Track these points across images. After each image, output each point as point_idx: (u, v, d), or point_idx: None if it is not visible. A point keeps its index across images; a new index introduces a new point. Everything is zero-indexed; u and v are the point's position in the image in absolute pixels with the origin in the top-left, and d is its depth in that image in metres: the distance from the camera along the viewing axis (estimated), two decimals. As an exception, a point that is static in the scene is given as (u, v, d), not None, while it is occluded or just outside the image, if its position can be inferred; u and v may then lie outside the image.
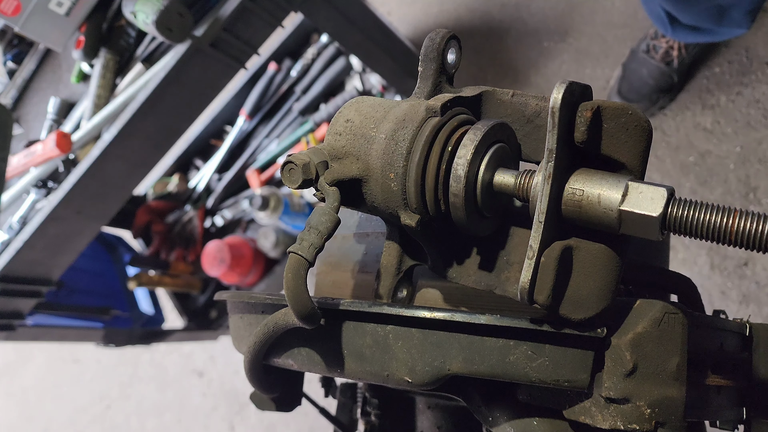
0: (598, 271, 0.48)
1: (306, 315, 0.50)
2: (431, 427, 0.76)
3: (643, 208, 0.45)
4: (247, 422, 2.56)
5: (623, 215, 0.45)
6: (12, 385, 3.42)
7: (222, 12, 1.32)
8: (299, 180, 0.53)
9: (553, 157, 0.45)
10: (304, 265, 0.51)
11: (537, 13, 2.23)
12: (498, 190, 0.52)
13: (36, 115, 1.64)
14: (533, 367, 0.49)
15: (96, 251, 2.28)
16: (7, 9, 1.36)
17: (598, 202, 0.46)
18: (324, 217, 0.53)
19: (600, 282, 0.48)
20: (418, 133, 0.52)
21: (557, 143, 0.45)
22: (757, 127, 1.79)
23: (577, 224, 0.48)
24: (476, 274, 0.56)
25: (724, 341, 0.58)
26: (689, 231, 0.45)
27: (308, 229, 0.52)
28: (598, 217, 0.47)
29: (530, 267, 0.45)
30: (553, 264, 0.47)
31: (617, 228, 0.46)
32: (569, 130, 0.46)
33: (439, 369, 0.50)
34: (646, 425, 0.48)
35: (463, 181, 0.50)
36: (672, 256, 1.79)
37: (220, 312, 2.37)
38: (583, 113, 0.46)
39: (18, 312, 1.65)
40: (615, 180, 0.46)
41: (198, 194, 2.35)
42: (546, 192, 0.46)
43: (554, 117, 0.44)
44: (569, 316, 0.48)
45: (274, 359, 0.60)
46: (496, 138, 0.53)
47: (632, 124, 0.47)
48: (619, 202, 0.45)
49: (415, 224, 0.53)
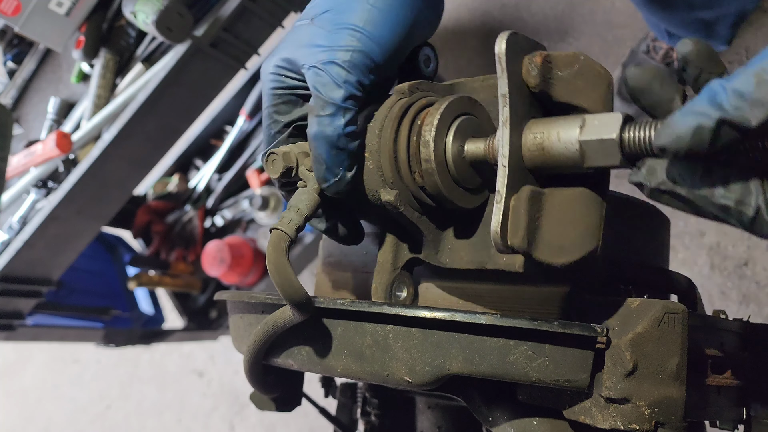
0: (578, 214, 0.48)
1: (289, 289, 0.51)
2: (431, 427, 0.76)
3: (600, 134, 0.45)
4: (247, 422, 2.56)
5: (583, 146, 0.46)
6: (12, 385, 3.42)
7: (222, 12, 1.32)
8: (280, 168, 0.55)
9: (507, 101, 0.46)
10: (285, 239, 0.53)
11: (537, 13, 2.23)
12: (470, 158, 0.54)
13: (36, 115, 1.64)
14: (533, 367, 0.49)
15: (96, 251, 2.28)
16: (7, 9, 1.36)
17: (558, 140, 0.47)
18: (304, 196, 0.55)
19: (582, 225, 0.48)
20: (389, 112, 0.55)
21: (510, 89, 0.46)
22: (757, 127, 1.79)
23: (546, 173, 0.49)
24: (467, 254, 0.57)
25: (724, 341, 0.59)
26: (650, 152, 0.44)
27: (289, 209, 0.55)
28: (561, 154, 0.47)
29: (500, 210, 0.46)
30: (524, 205, 0.46)
31: (581, 162, 0.46)
32: (525, 83, 0.48)
33: (439, 369, 0.50)
34: (646, 425, 0.48)
35: (431, 145, 0.52)
36: (672, 256, 1.79)
37: (220, 312, 2.36)
38: (533, 60, 0.47)
39: (18, 312, 1.64)
40: (573, 118, 0.47)
41: (198, 194, 2.35)
42: (506, 136, 0.47)
43: (501, 62, 0.46)
44: (550, 261, 0.47)
45: (274, 359, 0.60)
46: (463, 110, 0.55)
47: (587, 69, 0.48)
48: (578, 135, 0.46)
49: (394, 199, 0.54)
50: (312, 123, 0.54)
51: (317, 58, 0.54)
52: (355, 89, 0.53)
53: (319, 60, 0.53)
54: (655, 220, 0.69)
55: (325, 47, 0.54)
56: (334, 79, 0.53)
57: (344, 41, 0.53)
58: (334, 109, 0.53)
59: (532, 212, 0.47)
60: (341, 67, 0.53)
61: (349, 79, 0.53)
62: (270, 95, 0.58)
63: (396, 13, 0.55)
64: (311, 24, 0.56)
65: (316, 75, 0.54)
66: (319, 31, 0.55)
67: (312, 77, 0.54)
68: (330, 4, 0.56)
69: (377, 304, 0.52)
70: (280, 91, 0.58)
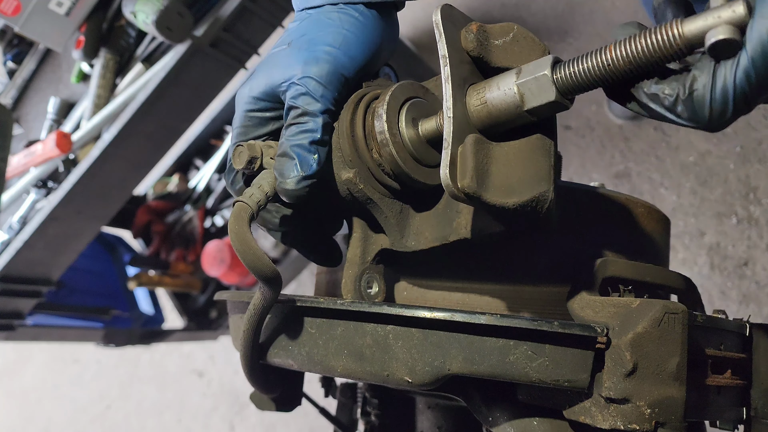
0: (528, 159, 0.51)
1: (253, 259, 0.52)
2: (431, 427, 0.76)
3: (533, 74, 0.49)
4: (247, 422, 2.56)
5: (520, 88, 0.49)
6: (12, 385, 3.42)
7: (222, 12, 1.32)
8: (246, 158, 0.58)
9: (447, 60, 0.50)
10: (246, 210, 0.54)
11: (537, 13, 2.23)
12: (425, 136, 0.57)
13: (36, 115, 1.64)
14: (533, 367, 0.49)
15: (96, 251, 2.28)
16: (7, 9, 1.36)
17: (497, 88, 0.50)
18: (268, 176, 0.57)
19: (532, 168, 0.51)
20: (347, 101, 0.59)
21: (449, 52, 0.50)
22: (758, 127, 1.79)
23: (495, 130, 0.51)
24: (431, 232, 0.59)
25: (724, 341, 0.58)
26: (581, 82, 0.48)
27: (252, 186, 0.57)
28: (503, 101, 0.50)
29: (447, 155, 0.48)
30: (470, 149, 0.49)
31: (522, 104, 0.50)
32: (464, 49, 0.51)
33: (439, 369, 0.50)
34: (646, 425, 0.48)
35: (384, 117, 0.56)
36: (672, 256, 1.79)
37: (220, 312, 2.37)
38: (469, 28, 0.51)
39: (18, 312, 1.65)
40: (510, 71, 0.51)
41: (198, 194, 2.35)
42: (448, 90, 0.50)
43: (438, 27, 0.50)
44: (501, 203, 0.49)
45: (274, 359, 0.60)
46: (414, 94, 0.59)
47: (521, 36, 0.52)
48: (515, 80, 0.50)
49: (353, 176, 0.57)
50: (289, 130, 0.58)
51: (294, 73, 0.58)
52: (330, 104, 0.58)
53: (297, 75, 0.58)
54: (655, 220, 0.69)
55: (302, 63, 0.58)
56: (312, 93, 0.57)
57: (321, 57, 0.58)
58: (310, 119, 0.57)
59: (479, 157, 0.49)
60: (318, 82, 0.58)
61: (325, 94, 0.58)
62: (242, 116, 0.62)
63: (366, 37, 0.61)
64: (288, 47, 0.61)
65: (295, 90, 0.58)
66: (297, 52, 0.60)
67: (292, 92, 0.58)
68: (306, 30, 0.61)
69: (377, 304, 0.52)
70: (252, 114, 0.62)
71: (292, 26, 0.63)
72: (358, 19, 0.61)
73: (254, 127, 0.62)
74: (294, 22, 0.64)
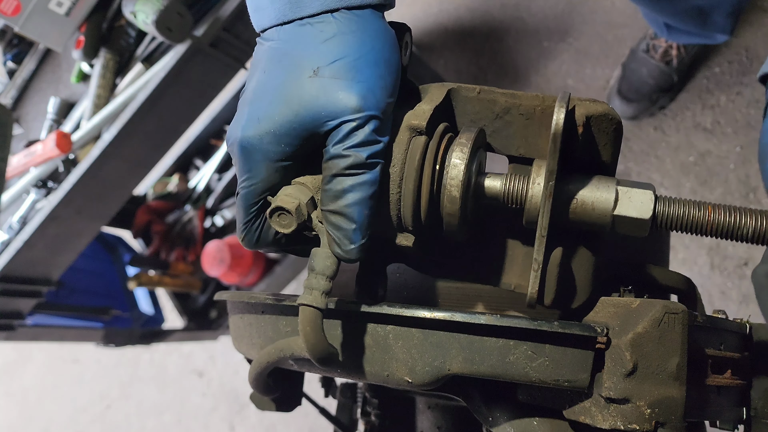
0: (578, 268, 0.54)
1: (325, 359, 0.50)
2: (431, 427, 0.76)
3: (634, 212, 0.50)
4: (247, 422, 2.56)
5: (617, 219, 0.51)
6: (12, 385, 3.42)
7: (222, 12, 1.32)
8: (293, 225, 0.50)
9: (554, 177, 0.49)
10: (319, 316, 0.49)
11: (537, 13, 2.23)
12: (489, 195, 0.54)
13: (36, 115, 1.64)
14: (533, 367, 0.49)
15: (96, 251, 2.28)
16: (7, 9, 1.36)
17: (592, 209, 0.51)
18: (328, 261, 0.50)
19: (581, 277, 0.54)
20: (407, 156, 0.51)
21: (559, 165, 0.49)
22: (758, 127, 1.79)
23: (566, 227, 0.53)
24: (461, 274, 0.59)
25: (724, 341, 0.58)
26: (673, 226, 0.51)
27: (314, 276, 0.50)
28: (592, 221, 0.51)
29: (536, 278, 0.50)
30: (555, 270, 0.52)
31: (609, 228, 0.51)
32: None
33: (439, 369, 0.50)
34: (646, 425, 0.48)
35: (458, 202, 0.51)
36: (672, 256, 1.79)
37: (220, 312, 2.37)
38: (577, 129, 0.50)
39: (18, 312, 1.65)
40: (604, 185, 0.51)
41: (198, 194, 2.35)
42: (548, 208, 0.49)
43: (556, 142, 0.48)
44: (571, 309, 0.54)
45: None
46: (478, 146, 0.54)
47: (611, 127, 0.51)
48: (612, 208, 0.50)
49: (412, 245, 0.54)
50: (342, 182, 0.48)
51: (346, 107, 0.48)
52: (387, 143, 0.50)
53: (351, 110, 0.48)
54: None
55: (357, 95, 0.48)
56: (373, 134, 0.48)
57: (376, 86, 0.49)
58: (367, 168, 0.48)
59: (561, 276, 0.53)
60: (378, 119, 0.48)
61: (385, 132, 0.49)
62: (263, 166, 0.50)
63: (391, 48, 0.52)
64: (316, 77, 0.49)
65: (348, 129, 0.48)
66: (339, 83, 0.49)
67: (344, 132, 0.48)
68: (340, 53, 0.50)
69: (377, 304, 0.52)
70: (277, 164, 0.50)
71: (279, 46, 0.52)
72: (376, 28, 0.51)
73: (276, 173, 0.51)
74: (276, 42, 0.53)
